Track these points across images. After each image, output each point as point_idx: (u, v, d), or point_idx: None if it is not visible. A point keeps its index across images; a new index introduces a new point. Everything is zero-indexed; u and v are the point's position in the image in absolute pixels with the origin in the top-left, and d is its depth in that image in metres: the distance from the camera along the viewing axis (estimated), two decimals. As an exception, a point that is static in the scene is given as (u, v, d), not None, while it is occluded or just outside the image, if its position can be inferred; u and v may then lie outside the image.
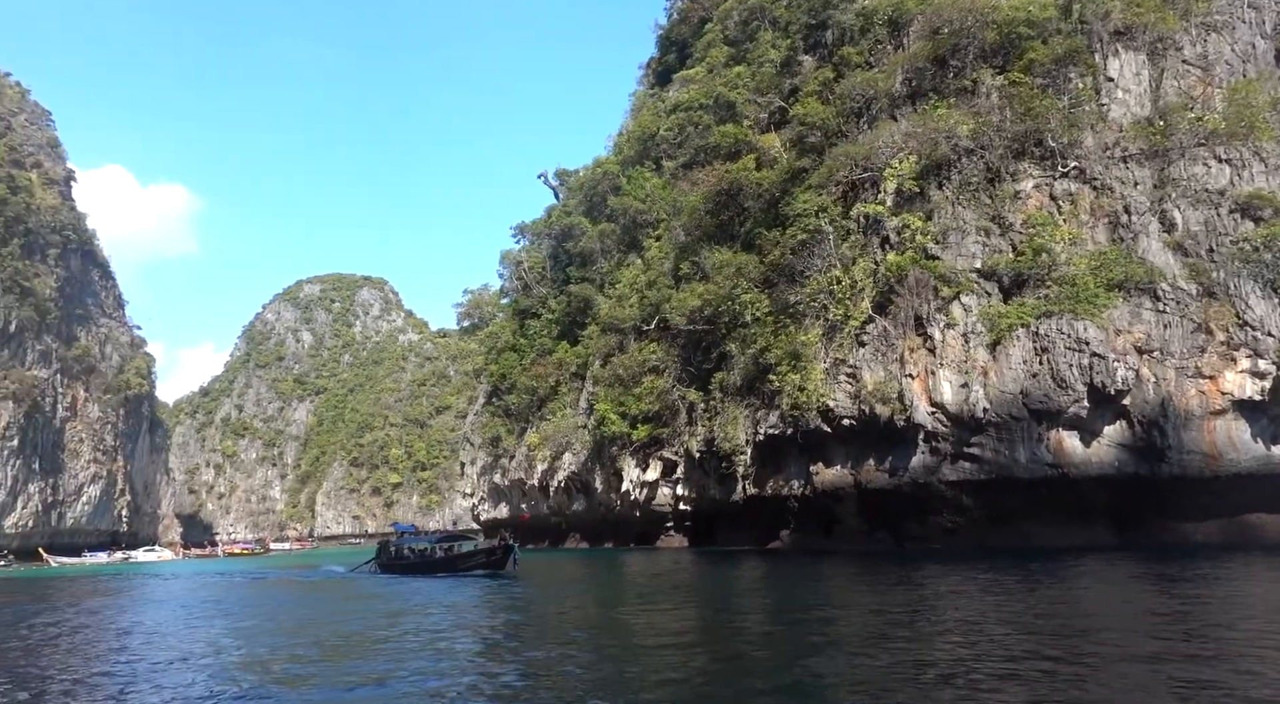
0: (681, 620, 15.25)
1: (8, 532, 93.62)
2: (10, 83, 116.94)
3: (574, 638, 13.31)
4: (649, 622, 15.11)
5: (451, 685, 9.29)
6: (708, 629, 13.88)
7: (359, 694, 9.13)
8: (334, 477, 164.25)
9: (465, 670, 10.37)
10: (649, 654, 11.29)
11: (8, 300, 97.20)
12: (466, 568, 28.86)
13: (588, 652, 11.78)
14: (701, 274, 42.58)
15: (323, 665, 11.29)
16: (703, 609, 16.92)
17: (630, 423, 45.30)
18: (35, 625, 19.98)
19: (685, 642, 12.44)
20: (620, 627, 14.62)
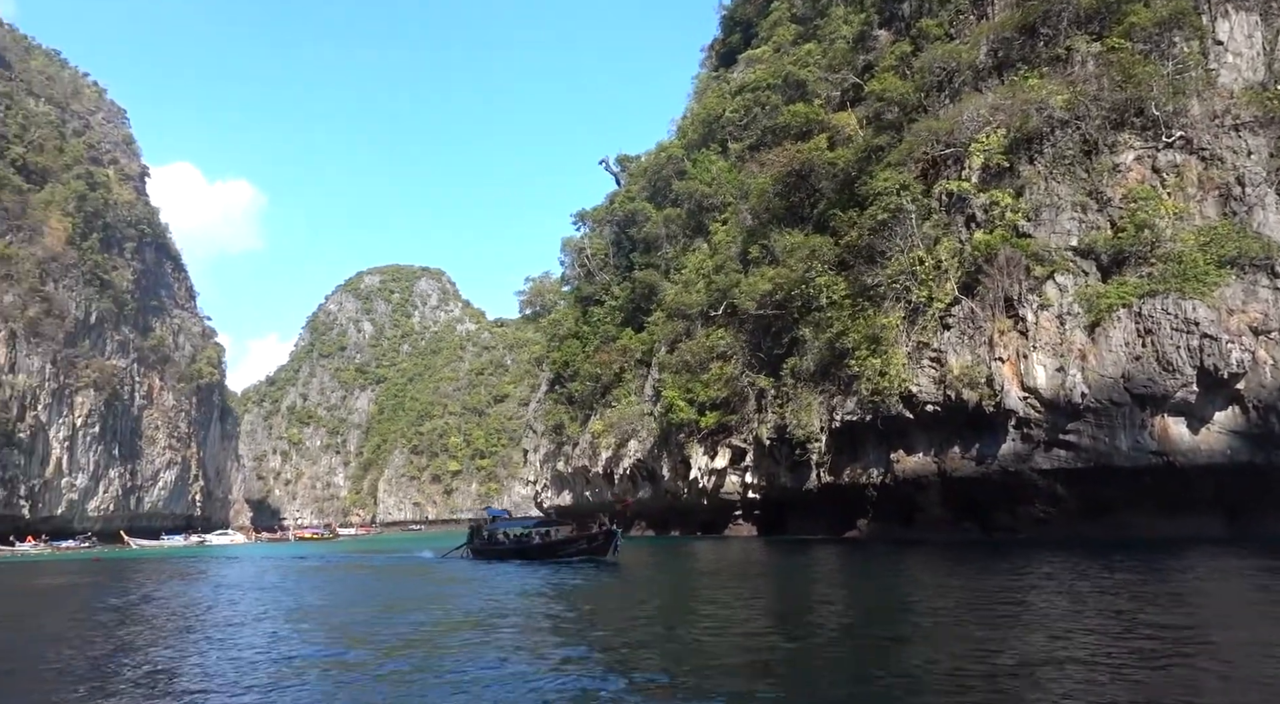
0: (795, 609, 14.69)
1: (90, 515, 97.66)
2: (88, 83, 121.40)
3: (697, 624, 12.80)
4: (766, 610, 14.64)
5: (589, 671, 8.90)
6: (827, 620, 13.25)
7: (492, 673, 8.80)
8: (395, 464, 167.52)
9: (600, 656, 9.99)
10: (785, 644, 10.73)
11: (88, 292, 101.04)
12: (566, 554, 28.10)
13: (721, 637, 11.29)
14: (771, 258, 41.67)
15: (451, 645, 11.10)
16: (808, 599, 16.26)
17: (698, 410, 44.72)
18: (158, 602, 20.60)
19: (813, 633, 11.83)
20: (737, 615, 14.07)
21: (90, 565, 44.56)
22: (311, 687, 8.81)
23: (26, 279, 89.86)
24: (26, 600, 24.30)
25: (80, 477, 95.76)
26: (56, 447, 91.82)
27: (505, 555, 31.36)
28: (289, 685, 8.88)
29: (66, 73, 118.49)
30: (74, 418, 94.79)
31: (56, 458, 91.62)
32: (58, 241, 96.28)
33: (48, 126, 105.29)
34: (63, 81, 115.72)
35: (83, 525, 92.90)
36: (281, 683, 9.04)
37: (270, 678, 9.37)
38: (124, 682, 9.81)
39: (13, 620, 18.40)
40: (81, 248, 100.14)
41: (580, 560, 26.92)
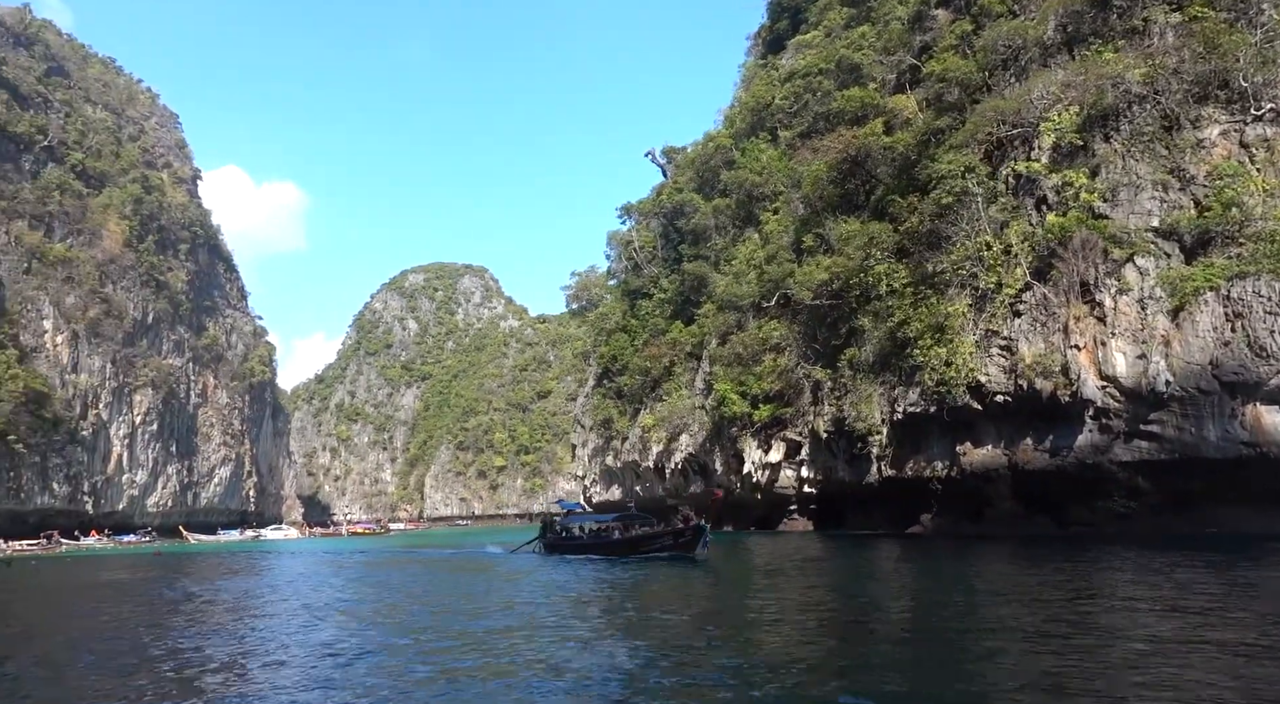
0: (882, 609, 13.99)
1: (150, 511, 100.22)
2: (142, 88, 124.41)
3: (791, 623, 12.22)
4: (861, 608, 13.98)
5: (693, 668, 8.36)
6: (923, 619, 12.54)
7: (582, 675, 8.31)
8: (441, 460, 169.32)
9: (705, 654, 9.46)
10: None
11: (145, 294, 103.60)
12: (649, 550, 26.79)
13: (817, 636, 10.68)
14: (826, 247, 40.73)
15: (543, 647, 10.64)
16: (897, 596, 15.53)
17: (751, 403, 43.98)
18: (234, 595, 20.61)
19: (919, 633, 11.15)
20: (837, 615, 13.43)
21: (153, 559, 45.48)
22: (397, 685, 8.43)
23: (87, 281, 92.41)
24: (103, 592, 24.65)
25: (140, 473, 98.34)
26: (117, 444, 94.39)
27: (582, 550, 30.41)
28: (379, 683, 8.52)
29: (121, 79, 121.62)
30: (133, 416, 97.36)
31: (117, 455, 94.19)
32: (116, 244, 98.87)
33: (105, 132, 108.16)
34: (118, 88, 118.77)
35: (143, 521, 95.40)
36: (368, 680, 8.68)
37: (352, 676, 9.02)
38: (218, 671, 9.60)
39: (93, 610, 18.58)
40: (138, 250, 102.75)
41: (665, 557, 25.73)
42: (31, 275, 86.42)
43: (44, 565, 41.86)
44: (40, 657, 11.81)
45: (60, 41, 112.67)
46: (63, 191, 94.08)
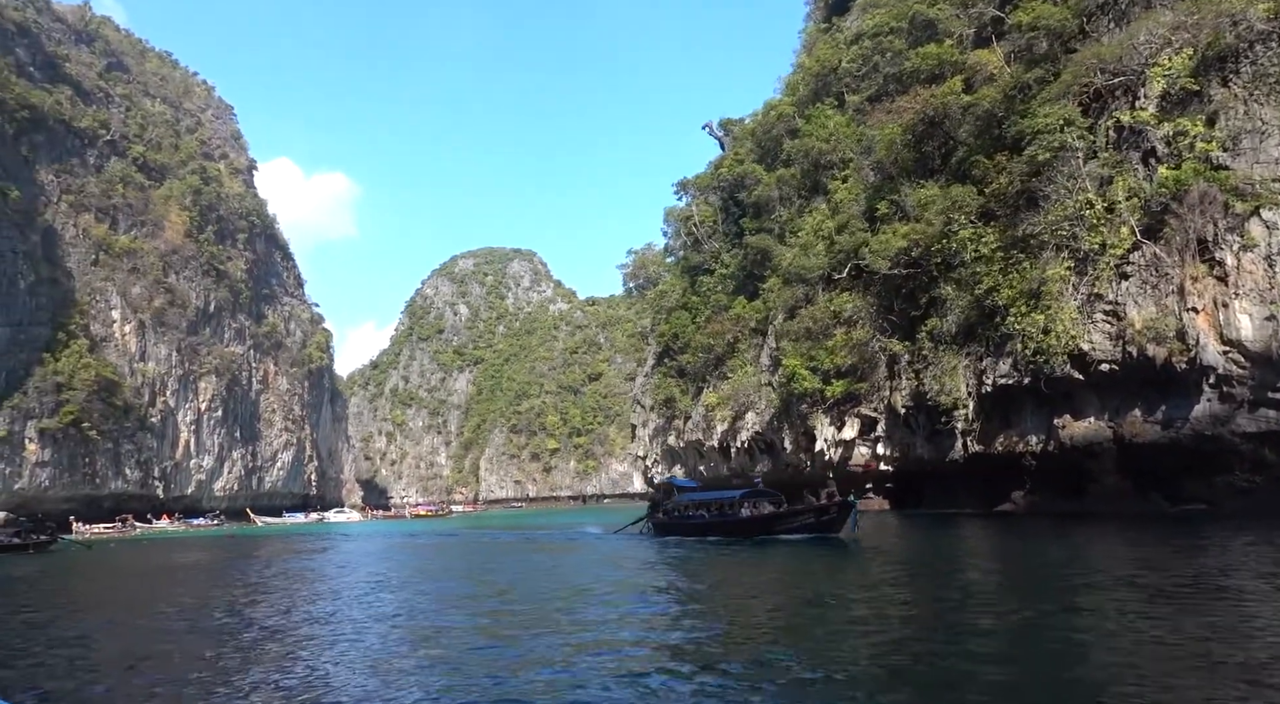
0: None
1: (217, 494, 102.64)
2: (198, 81, 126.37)
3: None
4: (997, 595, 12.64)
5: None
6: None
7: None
8: (495, 443, 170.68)
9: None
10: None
11: (206, 283, 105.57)
12: (786, 529, 24.23)
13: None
14: (901, 214, 38.88)
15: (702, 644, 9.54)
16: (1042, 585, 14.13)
17: (822, 378, 42.44)
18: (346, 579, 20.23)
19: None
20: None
21: (226, 542, 46.06)
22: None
23: (151, 272, 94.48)
24: (203, 570, 24.65)
25: (207, 458, 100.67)
26: (184, 430, 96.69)
27: (700, 531, 27.72)
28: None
29: (178, 73, 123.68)
30: (199, 403, 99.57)
31: (185, 441, 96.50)
32: (177, 235, 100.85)
33: (164, 125, 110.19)
34: (175, 81, 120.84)
35: (210, 504, 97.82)
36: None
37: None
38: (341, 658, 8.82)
39: (201, 588, 18.32)
40: (199, 240, 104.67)
41: (802, 538, 23.18)
42: (99, 267, 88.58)
43: (123, 548, 42.63)
44: (161, 629, 12.06)
45: (119, 37, 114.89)
46: (126, 184, 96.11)
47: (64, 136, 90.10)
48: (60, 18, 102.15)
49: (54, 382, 73.27)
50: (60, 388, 73.64)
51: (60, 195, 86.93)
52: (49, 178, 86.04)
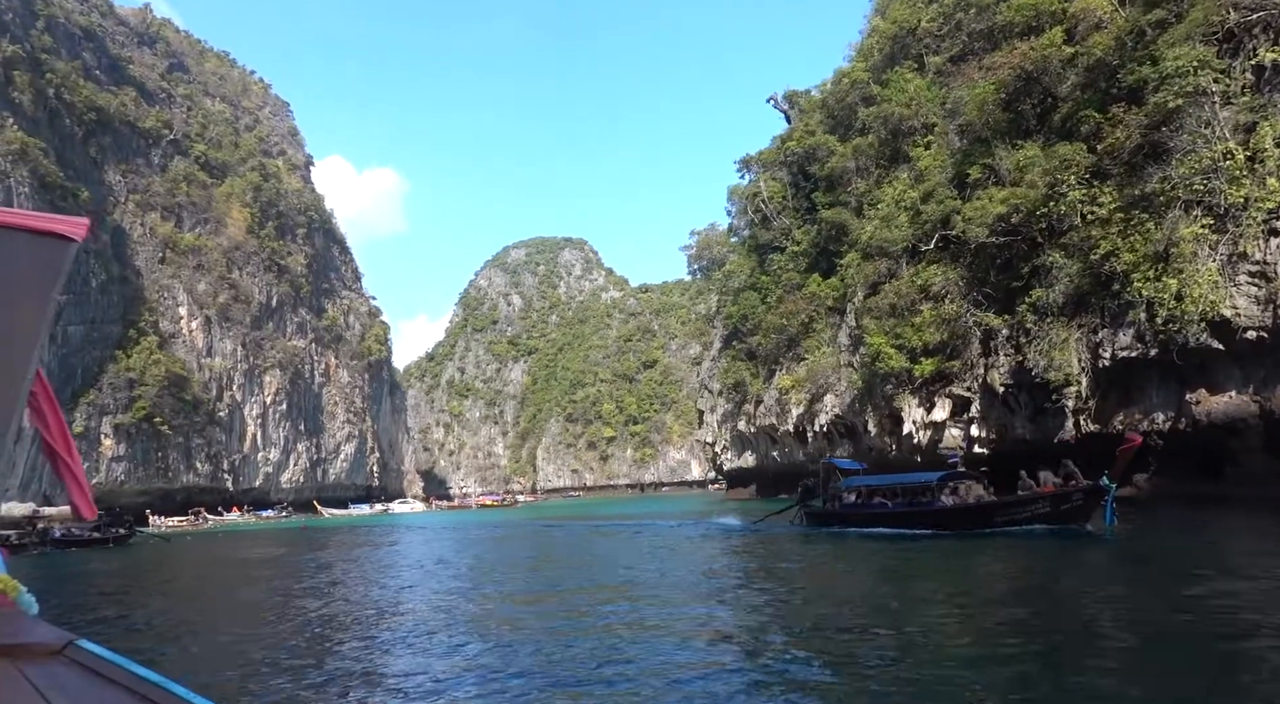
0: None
1: (284, 487, 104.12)
2: (255, 80, 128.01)
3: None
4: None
5: None
6: None
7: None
8: (551, 432, 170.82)
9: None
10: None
11: (268, 278, 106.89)
12: (1011, 521, 19.63)
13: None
14: (996, 178, 36.25)
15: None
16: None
17: (909, 357, 40.10)
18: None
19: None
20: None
21: (299, 533, 45.82)
22: None
23: (215, 268, 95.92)
24: (289, 566, 23.79)
25: (273, 451, 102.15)
26: (251, 424, 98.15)
27: (879, 521, 23.23)
28: None
29: (235, 72, 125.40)
30: (264, 396, 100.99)
31: (251, 434, 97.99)
32: (239, 231, 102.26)
33: (223, 124, 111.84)
34: (233, 80, 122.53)
35: (277, 496, 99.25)
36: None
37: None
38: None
39: (298, 581, 17.35)
40: (260, 236, 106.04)
41: (1021, 530, 18.96)
42: (166, 264, 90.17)
43: (199, 540, 42.63)
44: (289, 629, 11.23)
45: (179, 38, 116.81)
46: (189, 183, 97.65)
47: (130, 137, 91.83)
48: (123, 21, 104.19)
49: (126, 378, 74.66)
50: (132, 384, 75.02)
51: (127, 195, 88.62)
52: (116, 178, 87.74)
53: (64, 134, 79.38)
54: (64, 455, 2.29)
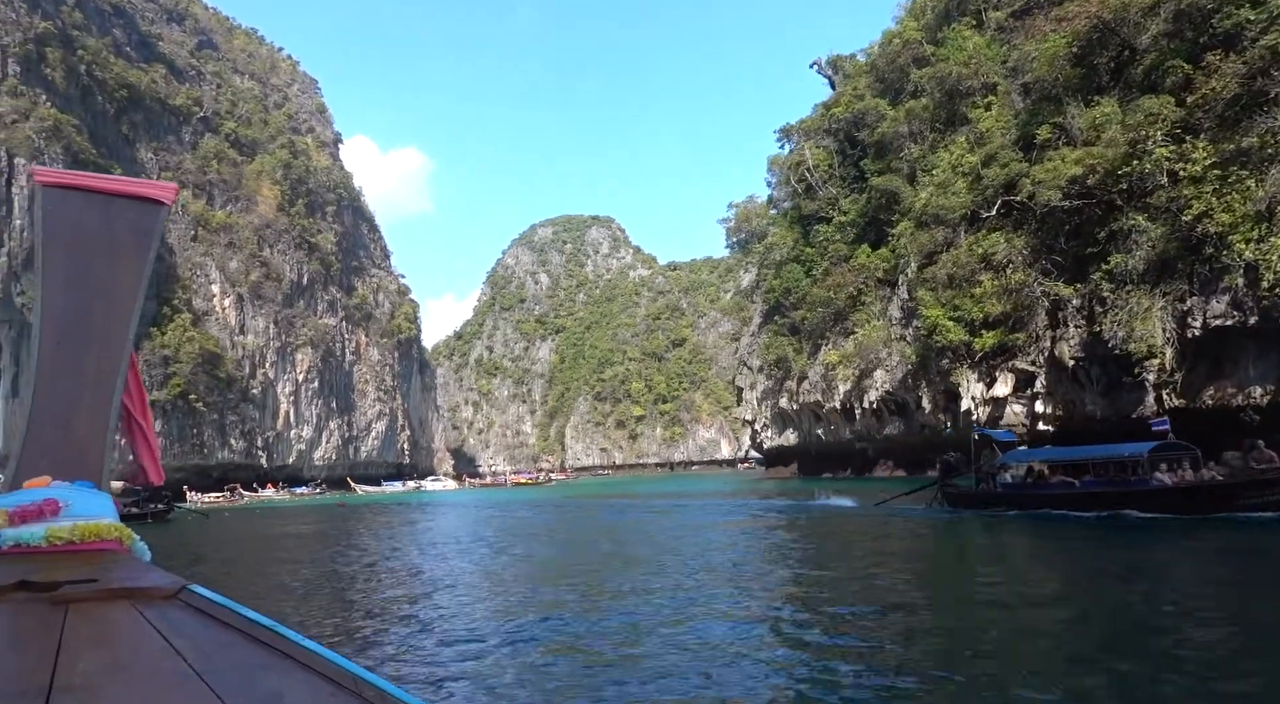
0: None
1: (316, 464, 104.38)
2: (283, 57, 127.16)
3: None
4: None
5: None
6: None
7: None
8: (580, 411, 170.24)
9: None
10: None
11: (298, 256, 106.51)
12: (1263, 504, 15.91)
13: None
14: (1067, 138, 34.10)
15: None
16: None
17: (968, 330, 38.26)
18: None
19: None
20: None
21: (336, 510, 45.20)
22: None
23: (247, 245, 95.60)
24: (334, 540, 22.81)
25: (306, 428, 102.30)
26: (284, 401, 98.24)
27: (1053, 503, 19.42)
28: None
29: (264, 49, 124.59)
30: (296, 374, 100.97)
31: (285, 411, 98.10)
32: (270, 209, 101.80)
33: (253, 101, 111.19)
34: (261, 57, 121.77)
35: (310, 473, 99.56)
36: None
37: None
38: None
39: (346, 553, 16.29)
40: (290, 213, 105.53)
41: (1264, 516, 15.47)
42: (198, 242, 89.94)
43: (238, 516, 42.07)
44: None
45: (208, 15, 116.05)
46: (219, 160, 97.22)
47: (160, 115, 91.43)
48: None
49: (162, 355, 74.63)
50: (167, 361, 74.98)
51: (159, 173, 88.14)
52: (148, 156, 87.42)
53: (96, 111, 79.04)
54: (139, 418, 2.33)
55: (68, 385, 2.15)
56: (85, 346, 2.17)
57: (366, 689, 0.99)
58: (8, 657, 1.10)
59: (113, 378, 2.16)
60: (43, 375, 2.14)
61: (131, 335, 2.22)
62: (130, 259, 2.20)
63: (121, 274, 2.18)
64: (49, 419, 2.14)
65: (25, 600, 1.35)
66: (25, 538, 1.76)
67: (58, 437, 2.15)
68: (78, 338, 2.16)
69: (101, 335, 2.18)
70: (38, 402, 2.13)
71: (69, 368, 2.15)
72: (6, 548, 1.75)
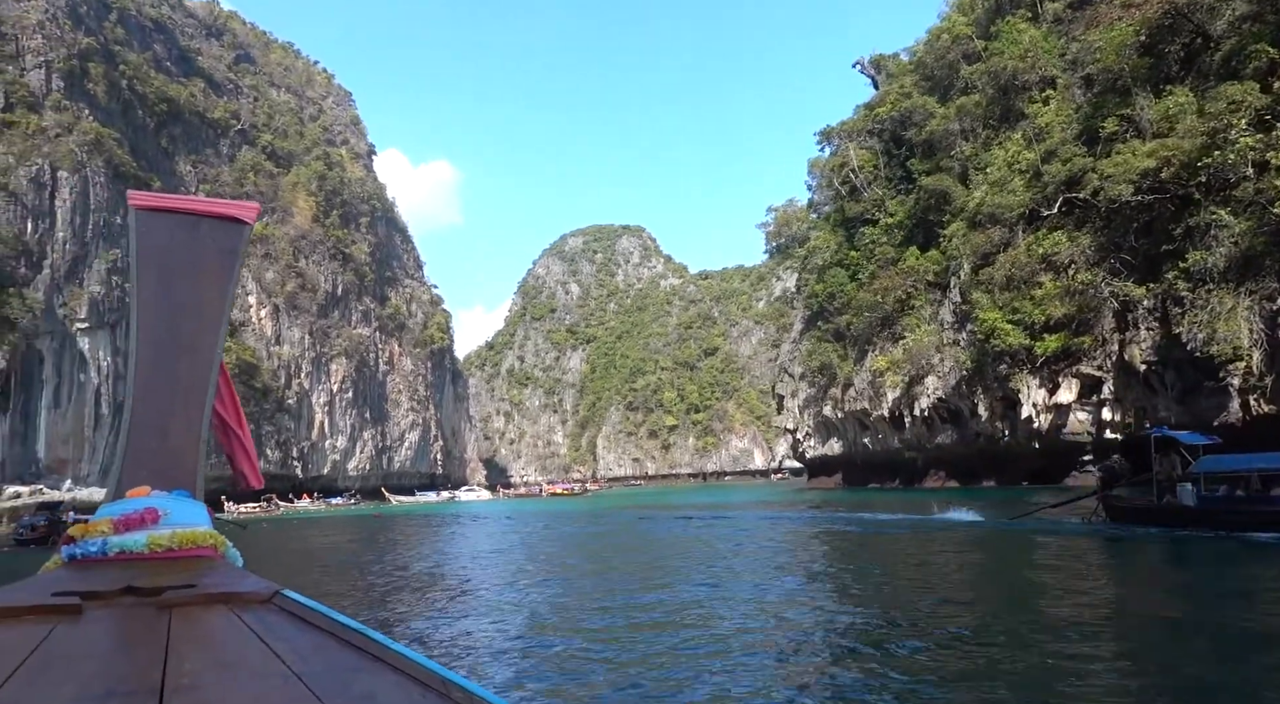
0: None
1: (350, 474, 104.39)
2: (318, 70, 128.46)
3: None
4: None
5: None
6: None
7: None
8: (611, 421, 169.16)
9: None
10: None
11: (333, 266, 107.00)
12: None
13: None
14: (1136, 130, 32.45)
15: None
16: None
17: (1029, 333, 36.58)
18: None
19: None
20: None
21: (373, 521, 44.47)
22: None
23: (283, 256, 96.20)
24: (381, 552, 21.88)
25: (340, 439, 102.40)
26: (319, 411, 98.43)
27: (1259, 522, 15.31)
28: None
29: (300, 62, 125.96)
30: (331, 384, 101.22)
31: (319, 422, 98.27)
32: (305, 220, 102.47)
33: (289, 114, 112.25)
34: (297, 71, 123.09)
35: (344, 484, 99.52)
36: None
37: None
38: None
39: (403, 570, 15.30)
40: (325, 224, 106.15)
41: None
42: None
43: (276, 528, 41.47)
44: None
45: (245, 30, 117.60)
46: (256, 172, 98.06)
47: (199, 128, 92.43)
48: (191, 13, 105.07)
49: (200, 364, 74.86)
50: (206, 370, 75.19)
51: (198, 185, 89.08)
52: (187, 168, 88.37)
53: (136, 125, 79.92)
54: (234, 426, 2.44)
55: (162, 398, 2.25)
56: (177, 360, 2.28)
57: (455, 691, 1.01)
58: (120, 657, 1.15)
59: (204, 389, 2.28)
60: (139, 389, 2.24)
61: (220, 348, 2.34)
62: (217, 275, 2.32)
63: (209, 290, 2.30)
64: (146, 430, 2.22)
65: (132, 605, 1.40)
66: (129, 545, 1.82)
67: (154, 447, 2.21)
68: (170, 352, 2.28)
69: (191, 349, 2.29)
70: (135, 414, 2.23)
71: (163, 381, 2.26)
72: (113, 555, 1.81)
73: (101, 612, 1.37)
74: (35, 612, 1.34)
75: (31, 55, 68.79)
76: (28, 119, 65.34)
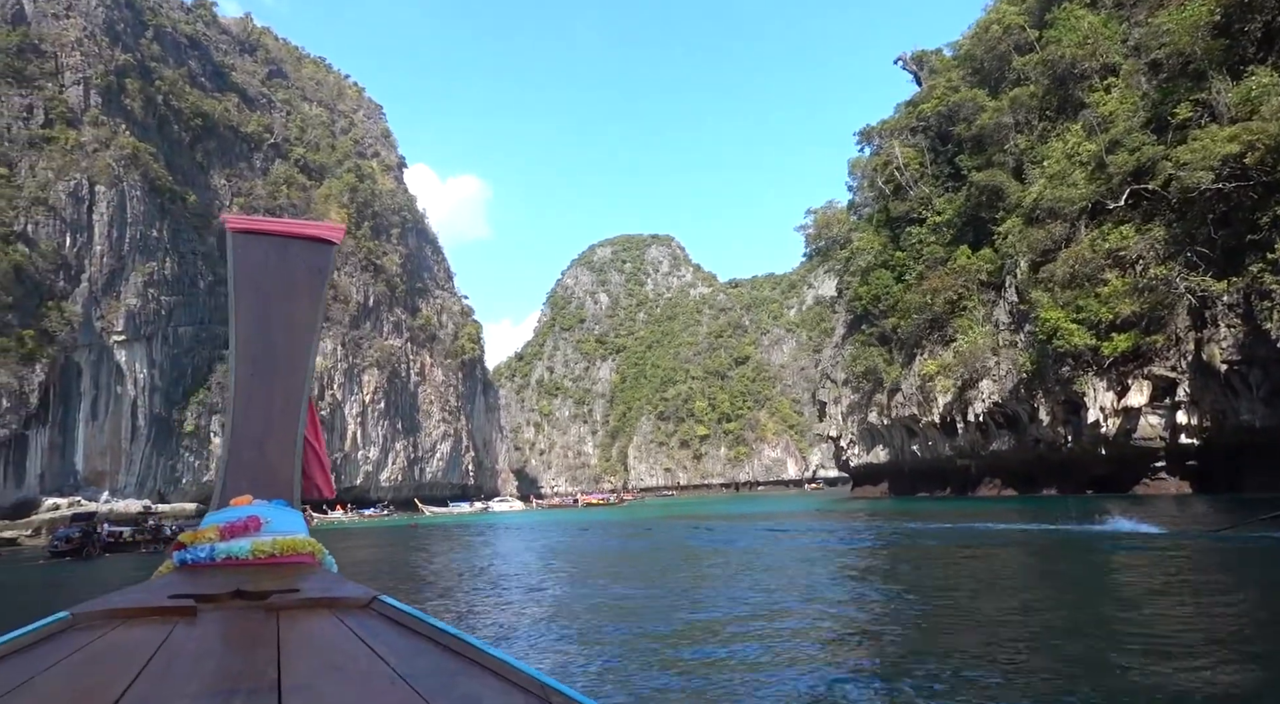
0: None
1: (383, 485, 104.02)
2: (349, 83, 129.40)
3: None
4: None
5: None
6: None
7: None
8: (642, 431, 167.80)
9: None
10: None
11: (364, 278, 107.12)
12: None
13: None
14: (1212, 115, 30.62)
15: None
16: None
17: (1094, 333, 34.71)
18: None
19: None
20: None
21: (410, 532, 43.56)
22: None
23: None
24: (447, 560, 20.75)
25: (372, 450, 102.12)
26: (351, 422, 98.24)
27: None
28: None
29: (331, 77, 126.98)
30: (363, 395, 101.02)
31: (352, 433, 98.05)
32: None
33: (320, 127, 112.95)
34: (329, 85, 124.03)
35: (377, 495, 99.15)
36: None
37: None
38: None
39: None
40: (356, 236, 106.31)
41: None
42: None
43: (317, 538, 40.62)
44: None
45: (278, 45, 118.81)
46: (289, 185, 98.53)
47: (233, 142, 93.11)
48: (225, 29, 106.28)
49: (235, 376, 74.87)
50: (241, 382, 75.19)
51: (232, 199, 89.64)
52: (221, 182, 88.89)
53: (172, 139, 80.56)
54: (310, 437, 2.48)
55: (260, 412, 2.31)
56: (273, 376, 2.34)
57: (555, 696, 1.02)
58: (236, 657, 1.19)
59: (298, 403, 2.34)
60: (239, 403, 2.30)
61: (312, 364, 2.41)
62: (307, 294, 2.38)
63: (300, 308, 2.36)
64: (246, 442, 2.29)
65: (242, 608, 1.45)
66: (234, 551, 1.89)
67: (254, 458, 2.27)
68: (266, 368, 2.34)
69: (286, 365, 2.35)
70: (235, 426, 2.29)
71: (260, 396, 2.32)
72: (220, 560, 1.88)
73: (215, 614, 1.40)
74: (156, 612, 1.39)
75: (70, 72, 69.54)
76: (66, 135, 65.94)
